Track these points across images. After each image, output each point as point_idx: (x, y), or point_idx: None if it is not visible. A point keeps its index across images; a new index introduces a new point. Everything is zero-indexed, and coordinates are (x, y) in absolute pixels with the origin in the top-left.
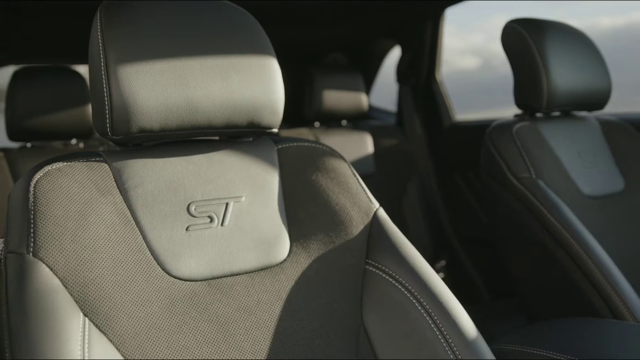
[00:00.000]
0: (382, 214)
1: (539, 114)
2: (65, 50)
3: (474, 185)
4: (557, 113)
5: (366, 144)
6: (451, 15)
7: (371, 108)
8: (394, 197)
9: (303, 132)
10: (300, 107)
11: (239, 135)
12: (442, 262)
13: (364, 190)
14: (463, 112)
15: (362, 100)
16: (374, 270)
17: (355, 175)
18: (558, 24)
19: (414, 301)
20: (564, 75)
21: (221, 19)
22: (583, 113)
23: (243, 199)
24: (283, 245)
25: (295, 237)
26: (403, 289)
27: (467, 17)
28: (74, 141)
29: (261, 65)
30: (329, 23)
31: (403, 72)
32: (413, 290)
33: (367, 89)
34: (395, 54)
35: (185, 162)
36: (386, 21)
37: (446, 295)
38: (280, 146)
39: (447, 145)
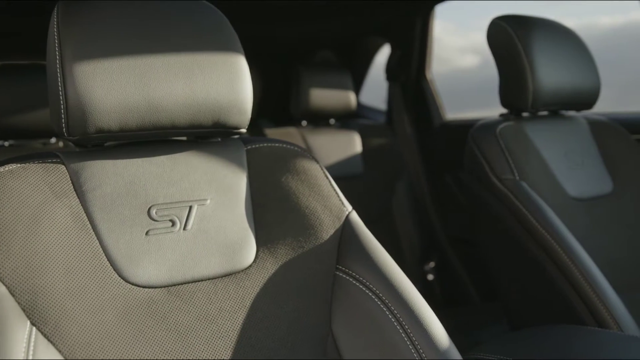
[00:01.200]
0: (355, 217)
1: (525, 114)
2: (43, 48)
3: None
4: (544, 113)
5: (354, 143)
6: (450, 13)
7: (361, 106)
8: (383, 198)
9: (290, 131)
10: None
11: (205, 135)
12: (432, 264)
13: (336, 192)
14: (464, 111)
15: (351, 98)
16: (344, 276)
17: (327, 177)
18: (545, 21)
19: (385, 309)
20: (550, 73)
21: (186, 15)
22: (571, 113)
23: (208, 202)
24: (249, 250)
25: (263, 241)
26: (374, 296)
27: (466, 16)
28: (53, 140)
29: (228, 63)
30: (318, 20)
31: (392, 70)
32: (384, 298)
33: (357, 87)
34: (387, 52)
35: (147, 163)
36: (375, 18)
37: (418, 303)
38: (249, 147)
39: (437, 144)
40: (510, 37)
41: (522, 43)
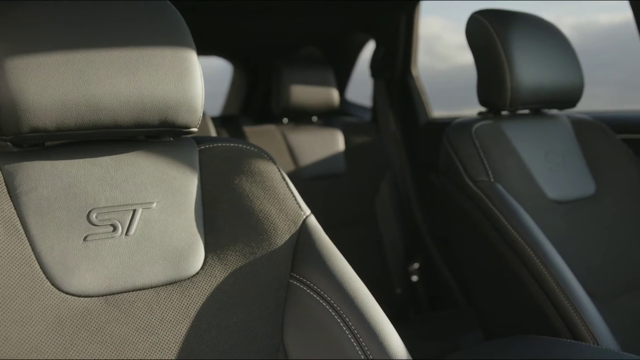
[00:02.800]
0: (312, 222)
1: (504, 112)
2: None
3: None
4: (525, 111)
5: (337, 142)
6: (450, 11)
7: (348, 104)
8: (366, 197)
9: (269, 129)
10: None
11: (154, 135)
12: (416, 265)
13: (294, 195)
14: (461, 108)
15: (333, 95)
16: (298, 285)
17: (284, 179)
18: (527, 15)
19: (339, 321)
20: (530, 70)
21: (131, 10)
22: (554, 111)
23: (154, 205)
24: (196, 257)
25: (212, 247)
26: (328, 307)
27: (467, 13)
28: None
29: (177, 59)
30: (302, 16)
31: (377, 66)
32: (339, 308)
33: (344, 84)
34: (373, 48)
35: (89, 164)
36: (359, 14)
37: (375, 315)
38: (202, 147)
39: (423, 142)
40: (488, 32)
41: (501, 38)
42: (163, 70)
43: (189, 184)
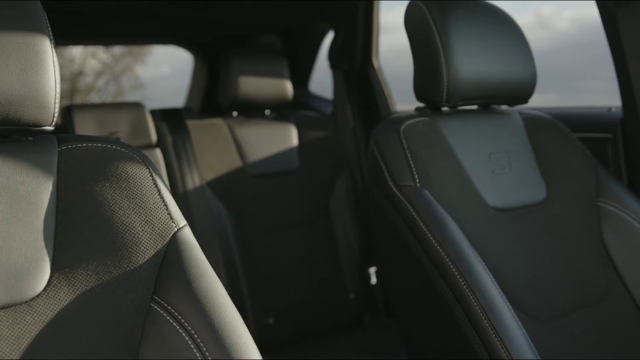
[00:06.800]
0: (185, 235)
1: (445, 108)
2: None
3: None
4: (472, 107)
5: (290, 137)
6: None
7: (312, 96)
8: (320, 196)
9: (214, 122)
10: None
11: (4, 133)
12: (374, 268)
13: (166, 204)
14: None
15: (286, 87)
16: (159, 310)
17: (157, 186)
18: (474, 2)
19: (198, 354)
20: (470, 62)
21: None
22: (505, 107)
23: None
24: (39, 276)
25: (60, 265)
26: (187, 337)
27: None
28: None
29: (21, 47)
30: (256, 3)
31: (335, 56)
32: (199, 340)
33: (307, 75)
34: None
35: None
36: (316, 1)
37: (241, 348)
38: (63, 147)
39: None
40: (425, 19)
41: (438, 26)
42: (3, 60)
43: (40, 190)
